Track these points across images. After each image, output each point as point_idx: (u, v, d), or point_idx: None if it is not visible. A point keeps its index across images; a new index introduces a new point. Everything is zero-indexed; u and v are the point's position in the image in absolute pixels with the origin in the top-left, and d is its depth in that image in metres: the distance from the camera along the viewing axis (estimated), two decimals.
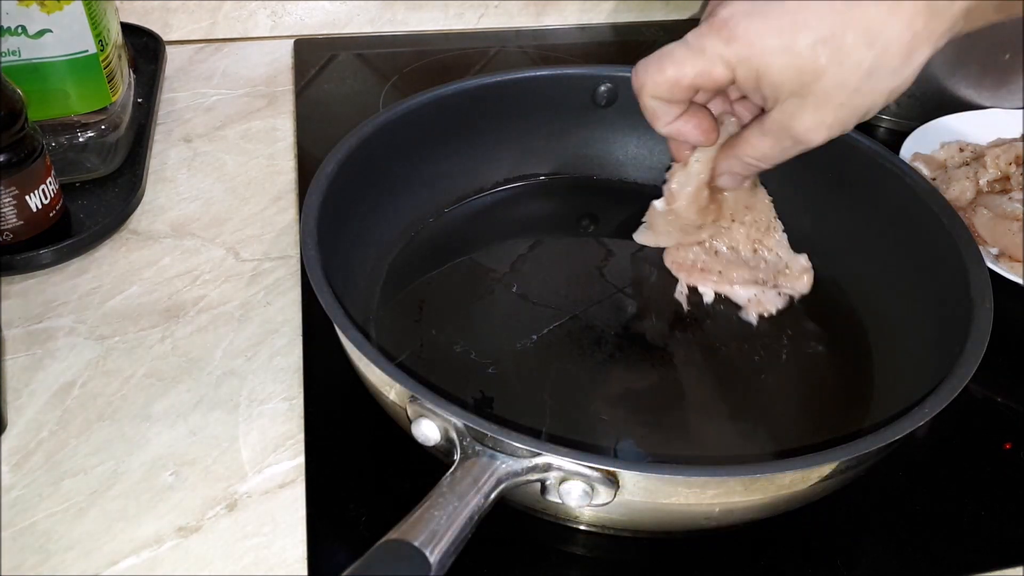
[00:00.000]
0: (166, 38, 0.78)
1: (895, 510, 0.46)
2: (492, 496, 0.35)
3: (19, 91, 0.53)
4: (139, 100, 0.69)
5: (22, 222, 0.54)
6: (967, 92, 0.72)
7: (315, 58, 0.81)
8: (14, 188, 0.53)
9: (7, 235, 0.54)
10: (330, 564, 0.41)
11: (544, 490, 0.37)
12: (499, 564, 0.41)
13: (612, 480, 0.35)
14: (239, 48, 0.82)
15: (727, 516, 0.39)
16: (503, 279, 0.56)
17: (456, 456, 0.36)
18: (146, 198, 0.62)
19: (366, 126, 0.54)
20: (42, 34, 0.56)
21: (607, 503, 0.36)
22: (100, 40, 0.59)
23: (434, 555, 0.33)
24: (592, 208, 0.64)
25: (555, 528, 0.42)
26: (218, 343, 0.52)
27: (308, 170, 0.65)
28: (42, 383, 0.49)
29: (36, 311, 0.53)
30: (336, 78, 0.79)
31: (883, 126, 0.76)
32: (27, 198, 0.54)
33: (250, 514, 0.43)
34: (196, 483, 0.44)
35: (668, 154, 0.52)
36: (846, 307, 0.56)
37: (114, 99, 0.62)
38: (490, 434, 0.36)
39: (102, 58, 0.59)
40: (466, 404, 0.47)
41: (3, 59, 0.56)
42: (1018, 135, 0.69)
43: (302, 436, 0.47)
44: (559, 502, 0.36)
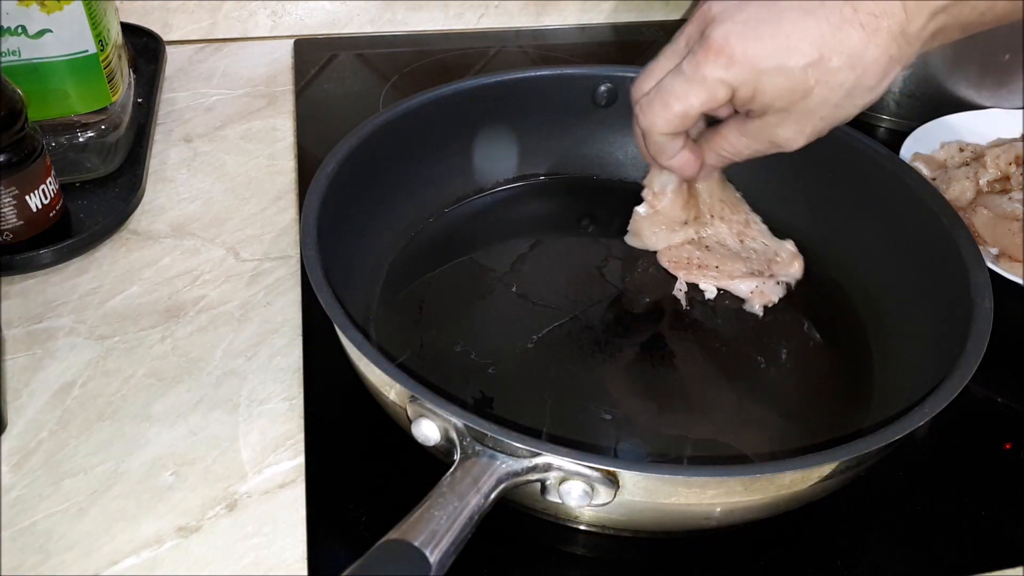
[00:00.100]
0: (166, 38, 0.78)
1: (895, 510, 0.46)
2: (492, 496, 0.35)
3: (19, 91, 0.53)
4: (139, 100, 0.69)
5: (22, 222, 0.54)
6: (967, 92, 0.72)
7: (315, 58, 0.81)
8: (14, 188, 0.53)
9: (7, 235, 0.54)
10: (330, 564, 0.41)
11: (544, 490, 0.37)
12: (499, 564, 0.41)
13: (612, 480, 0.35)
14: (239, 48, 0.82)
15: (727, 516, 0.39)
16: (503, 279, 0.56)
17: (456, 456, 0.36)
18: (146, 198, 0.62)
19: (366, 126, 0.54)
20: (42, 34, 0.56)
21: (607, 503, 0.36)
22: (100, 40, 0.59)
23: (434, 555, 0.33)
24: (592, 208, 0.64)
25: (555, 528, 0.42)
26: (218, 343, 0.52)
27: (308, 170, 0.65)
28: (42, 383, 0.49)
29: (36, 311, 0.53)
30: (336, 78, 0.79)
31: (883, 126, 0.76)
32: (27, 198, 0.54)
33: (250, 514, 0.43)
34: (196, 483, 0.44)
35: None
36: (846, 307, 0.56)
37: (114, 99, 0.62)
38: (490, 434, 0.36)
39: (102, 58, 0.59)
40: (466, 404, 0.47)
41: (3, 59, 0.56)
42: (1018, 135, 0.69)
43: (302, 436, 0.47)
44: (559, 502, 0.36)
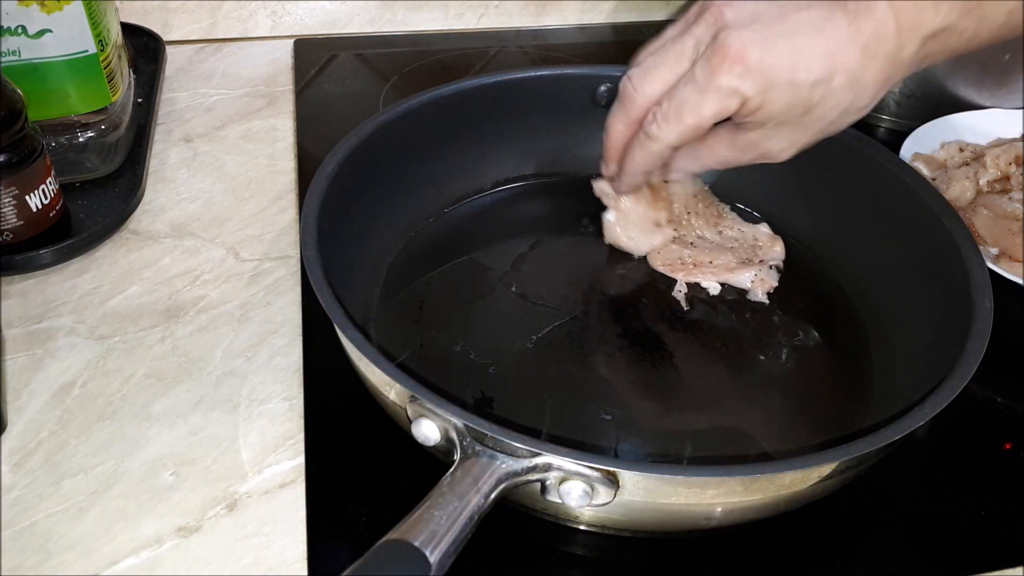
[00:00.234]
0: (166, 38, 0.78)
1: (895, 510, 0.46)
2: (492, 496, 0.35)
3: (19, 91, 0.53)
4: (139, 100, 0.69)
5: (22, 222, 0.54)
6: (967, 92, 0.72)
7: (315, 58, 0.81)
8: (14, 188, 0.53)
9: (7, 235, 0.54)
10: (330, 564, 0.41)
11: (544, 490, 0.37)
12: (499, 564, 0.41)
13: (612, 480, 0.35)
14: (239, 48, 0.82)
15: (727, 516, 0.39)
16: (503, 279, 0.56)
17: (456, 456, 0.36)
18: (146, 198, 0.62)
19: (366, 126, 0.54)
20: (42, 34, 0.56)
21: (607, 503, 0.36)
22: (100, 40, 0.59)
23: (434, 555, 0.33)
24: (592, 208, 0.63)
25: (555, 528, 0.42)
26: (218, 343, 0.52)
27: (308, 170, 0.65)
28: (42, 383, 0.49)
29: (36, 311, 0.53)
30: (336, 78, 0.79)
31: (883, 126, 0.76)
32: (27, 198, 0.54)
33: (250, 514, 0.43)
34: (196, 483, 0.44)
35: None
36: (846, 307, 0.56)
37: (114, 99, 0.62)
38: (490, 434, 0.36)
39: (102, 58, 0.59)
40: (466, 404, 0.47)
41: (3, 59, 0.56)
42: (1018, 135, 0.69)
43: (302, 436, 0.47)
44: (559, 502, 0.36)
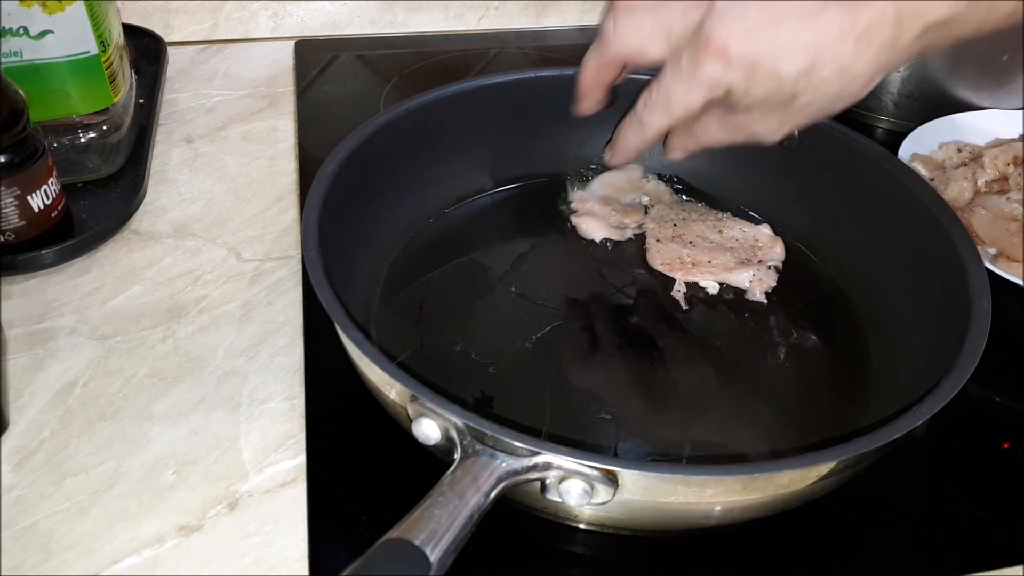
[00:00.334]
0: (168, 39, 0.78)
1: (894, 510, 0.46)
2: (492, 495, 0.35)
3: (21, 92, 0.53)
4: (141, 101, 0.69)
5: (24, 222, 0.54)
6: (965, 92, 0.72)
7: (316, 59, 0.81)
8: (16, 188, 0.53)
9: (9, 235, 0.54)
10: (331, 563, 0.41)
11: (544, 489, 0.37)
12: (499, 564, 0.41)
13: (612, 479, 0.36)
14: (240, 49, 0.82)
15: (727, 515, 0.39)
16: (503, 279, 0.56)
17: (456, 455, 0.37)
18: (148, 198, 0.62)
19: (367, 127, 0.54)
20: (44, 35, 0.56)
21: (607, 502, 0.36)
22: (102, 41, 0.59)
23: (434, 554, 0.33)
24: None
25: (555, 527, 0.42)
26: (219, 343, 0.52)
27: (309, 171, 0.65)
28: (44, 383, 0.49)
29: (38, 311, 0.53)
30: (337, 79, 0.79)
31: (881, 126, 0.76)
32: (29, 198, 0.54)
33: (251, 513, 0.43)
34: (197, 482, 0.44)
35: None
36: (845, 307, 0.56)
37: (116, 100, 0.62)
38: (490, 433, 0.36)
39: (104, 59, 0.59)
40: (466, 403, 0.47)
41: (5, 60, 0.56)
42: (1016, 135, 0.69)
43: (303, 436, 0.47)
44: (559, 501, 0.36)
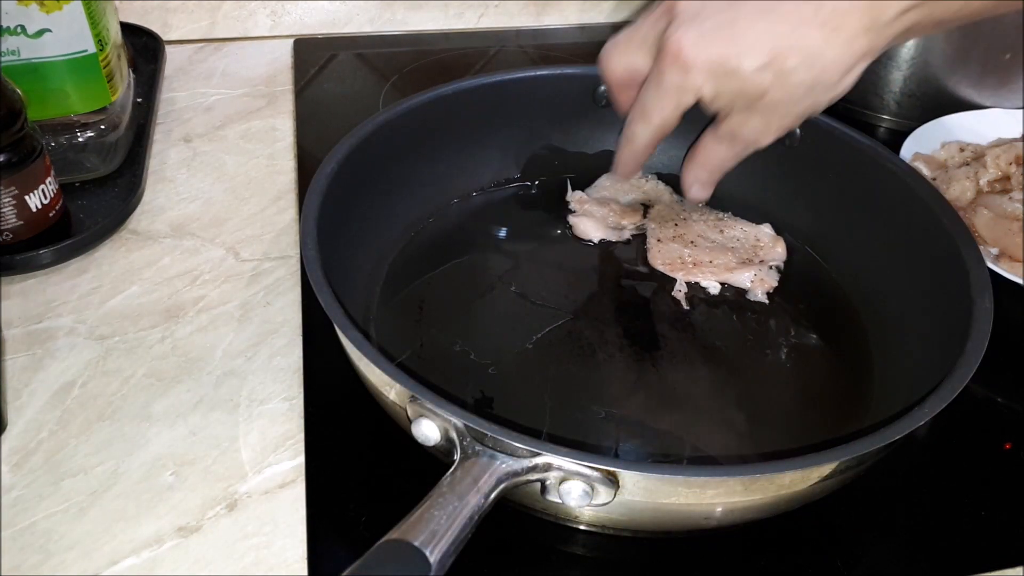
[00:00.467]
0: (166, 38, 0.78)
1: (895, 510, 0.46)
2: (492, 496, 0.35)
3: (19, 91, 0.53)
4: (139, 100, 0.69)
5: (22, 222, 0.54)
6: (967, 92, 0.72)
7: (315, 58, 0.81)
8: (14, 188, 0.53)
9: (7, 235, 0.54)
10: (330, 564, 0.41)
11: (544, 490, 0.37)
12: (499, 564, 0.41)
13: (612, 480, 0.35)
14: (239, 48, 0.82)
15: (727, 516, 0.39)
16: (503, 279, 0.56)
17: (456, 456, 0.36)
18: (146, 198, 0.62)
19: (366, 126, 0.54)
20: (41, 34, 0.56)
21: (607, 503, 0.36)
22: (99, 40, 0.59)
23: (434, 555, 0.33)
24: None
25: (555, 528, 0.42)
26: (218, 343, 0.52)
27: (308, 170, 0.65)
28: (42, 383, 0.49)
29: (36, 311, 0.53)
30: (336, 78, 0.79)
31: (883, 126, 0.76)
32: (27, 198, 0.54)
33: (250, 514, 0.43)
34: (196, 483, 0.44)
35: (667, 152, 0.53)
36: (846, 307, 0.56)
37: (114, 99, 0.61)
38: (490, 434, 0.36)
39: (101, 58, 0.59)
40: (466, 404, 0.47)
41: (3, 59, 0.56)
42: (1018, 135, 0.69)
43: (302, 436, 0.47)
44: (559, 502, 0.36)
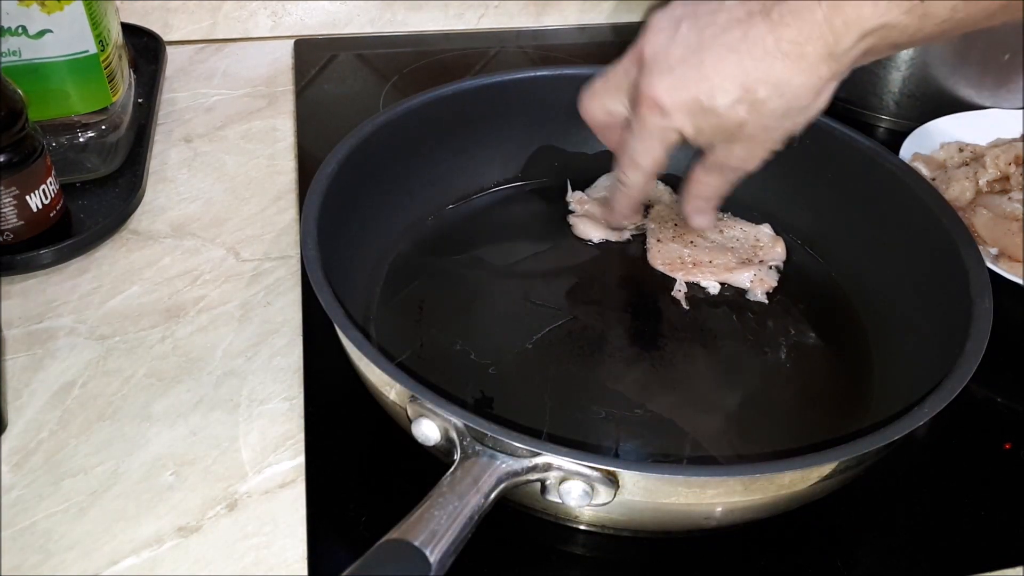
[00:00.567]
0: (166, 38, 0.78)
1: (895, 510, 0.46)
2: (492, 496, 0.35)
3: (19, 91, 0.53)
4: (139, 100, 0.69)
5: (22, 222, 0.54)
6: (967, 92, 0.72)
7: (315, 58, 0.81)
8: (14, 188, 0.53)
9: (7, 235, 0.54)
10: (330, 564, 0.41)
11: (544, 490, 0.37)
12: (499, 564, 0.41)
13: (612, 480, 0.35)
14: (239, 48, 0.82)
15: (727, 516, 0.39)
16: (503, 279, 0.56)
17: (456, 456, 0.36)
18: (146, 198, 0.62)
19: (366, 126, 0.54)
20: (42, 34, 0.56)
21: (607, 503, 0.36)
22: (100, 40, 0.59)
23: (434, 555, 0.33)
24: None
25: (555, 528, 0.42)
26: (218, 343, 0.52)
27: (308, 170, 0.65)
28: (42, 383, 0.49)
29: (36, 311, 0.53)
30: (336, 78, 0.79)
31: (883, 126, 0.76)
32: (27, 198, 0.54)
33: (250, 514, 0.43)
34: (196, 483, 0.44)
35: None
36: (846, 307, 0.56)
37: (114, 99, 0.62)
38: (490, 434, 0.36)
39: (102, 58, 0.59)
40: (466, 404, 0.47)
41: (3, 59, 0.56)
42: (1018, 135, 0.69)
43: (302, 436, 0.47)
44: (559, 502, 0.36)
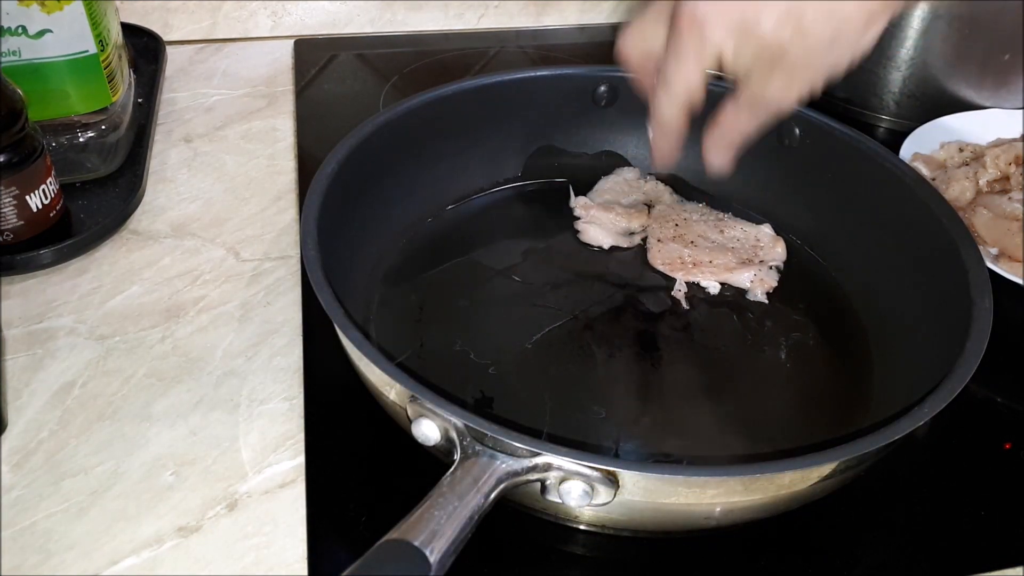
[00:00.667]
0: (166, 38, 0.78)
1: (895, 510, 0.46)
2: (492, 496, 0.35)
3: (19, 91, 0.53)
4: (139, 100, 0.69)
5: (22, 222, 0.54)
6: (967, 92, 0.72)
7: (315, 58, 0.81)
8: (14, 188, 0.53)
9: (7, 235, 0.54)
10: (330, 564, 0.41)
11: (544, 490, 0.37)
12: (499, 564, 0.41)
13: (612, 480, 0.35)
14: (239, 48, 0.82)
15: (727, 516, 0.39)
16: (503, 279, 0.56)
17: (456, 456, 0.36)
18: (146, 198, 0.62)
19: (366, 126, 0.54)
20: (42, 34, 0.56)
21: (607, 503, 0.36)
22: (100, 40, 0.59)
23: (434, 555, 0.33)
24: None
25: (555, 528, 0.42)
26: (218, 343, 0.52)
27: (308, 170, 0.65)
28: (42, 383, 0.49)
29: (36, 311, 0.53)
30: (336, 78, 0.79)
31: (883, 126, 0.76)
32: (27, 198, 0.54)
33: (250, 514, 0.43)
34: (196, 483, 0.44)
35: None
36: (846, 307, 0.56)
37: (114, 99, 0.62)
38: (490, 434, 0.36)
39: (102, 58, 0.59)
40: (466, 404, 0.47)
41: (3, 59, 0.56)
42: (1018, 135, 0.69)
43: (302, 436, 0.47)
44: (559, 502, 0.36)
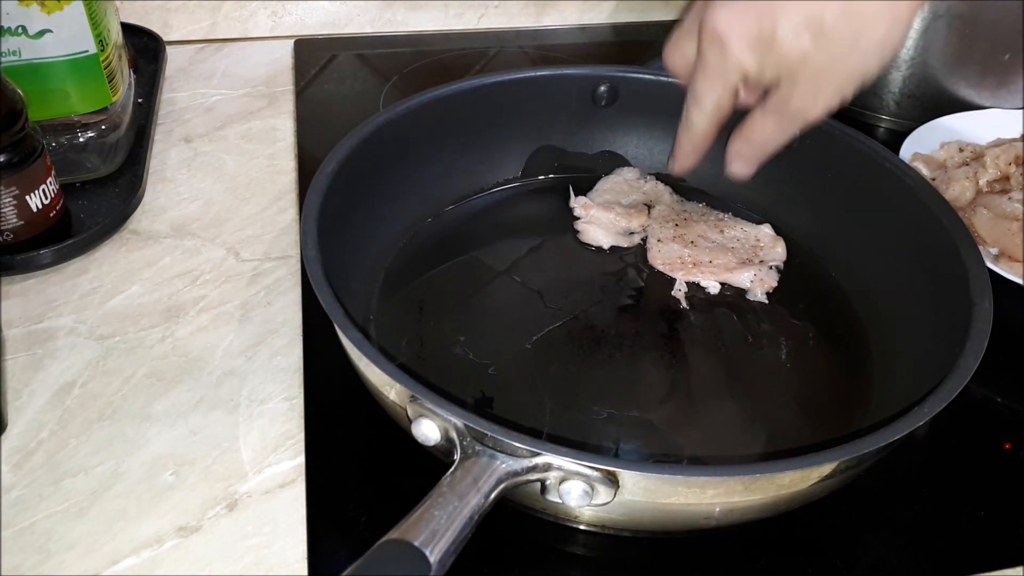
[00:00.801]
0: (166, 38, 0.78)
1: (895, 510, 0.46)
2: (492, 496, 0.35)
3: (19, 91, 0.53)
4: (139, 100, 0.69)
5: (22, 222, 0.54)
6: (967, 92, 0.72)
7: (315, 58, 0.81)
8: (14, 188, 0.53)
9: (7, 235, 0.54)
10: (330, 564, 0.41)
11: (544, 490, 0.37)
12: (499, 564, 0.41)
13: (612, 480, 0.35)
14: (239, 48, 0.82)
15: (727, 516, 0.39)
16: (503, 279, 0.56)
17: (456, 456, 0.36)
18: (146, 198, 0.62)
19: (366, 126, 0.54)
20: (42, 34, 0.56)
21: (607, 503, 0.36)
22: (100, 40, 0.59)
23: (434, 555, 0.33)
24: None
25: (555, 528, 0.42)
26: (218, 343, 0.52)
27: (308, 170, 0.65)
28: (42, 383, 0.49)
29: (36, 311, 0.53)
30: (336, 78, 0.79)
31: (883, 126, 0.76)
32: (27, 198, 0.54)
33: (250, 514, 0.43)
34: (196, 483, 0.44)
35: (668, 153, 0.52)
36: (846, 307, 0.56)
37: (114, 99, 0.62)
38: (490, 434, 0.36)
39: (102, 58, 0.59)
40: (466, 404, 0.47)
41: (3, 59, 0.56)
42: (1018, 135, 0.69)
43: (302, 436, 0.47)
44: (559, 502, 0.36)
